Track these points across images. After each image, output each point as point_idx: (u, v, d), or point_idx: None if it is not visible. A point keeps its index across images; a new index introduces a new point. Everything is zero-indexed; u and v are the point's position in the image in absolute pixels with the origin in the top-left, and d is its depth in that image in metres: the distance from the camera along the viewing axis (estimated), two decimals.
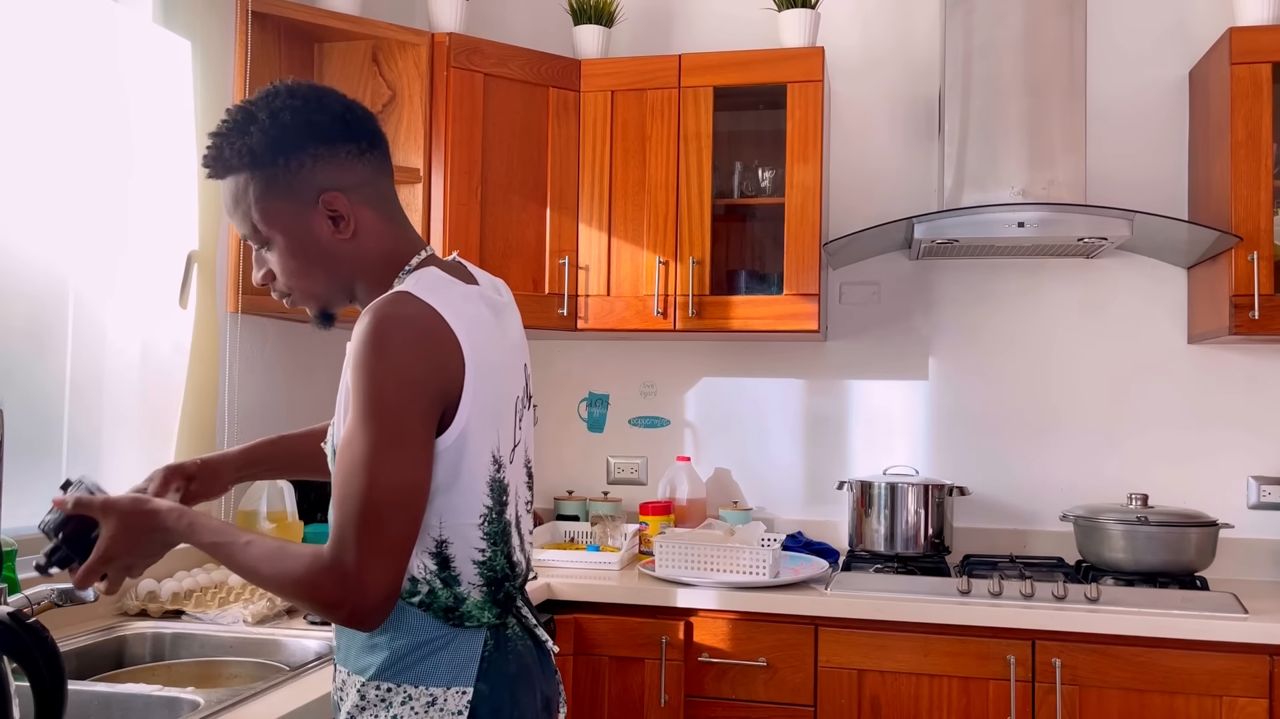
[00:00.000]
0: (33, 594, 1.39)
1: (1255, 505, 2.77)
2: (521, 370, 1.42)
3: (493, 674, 1.30)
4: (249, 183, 1.30)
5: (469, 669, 1.28)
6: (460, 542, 1.29)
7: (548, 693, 1.40)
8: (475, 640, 1.30)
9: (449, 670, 1.28)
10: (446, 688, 1.28)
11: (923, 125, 3.02)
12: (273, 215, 1.31)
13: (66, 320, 2.03)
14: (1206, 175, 2.69)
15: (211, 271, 2.35)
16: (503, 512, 1.33)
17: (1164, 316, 2.86)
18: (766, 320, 2.73)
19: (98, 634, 1.89)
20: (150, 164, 2.23)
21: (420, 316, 1.23)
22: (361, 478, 1.19)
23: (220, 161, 1.31)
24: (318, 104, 1.31)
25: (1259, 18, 2.57)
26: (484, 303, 1.35)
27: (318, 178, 1.30)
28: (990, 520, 2.92)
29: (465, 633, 1.30)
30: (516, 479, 1.38)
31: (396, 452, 1.19)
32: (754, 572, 2.46)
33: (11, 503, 1.84)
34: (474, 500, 1.30)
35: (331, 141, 1.31)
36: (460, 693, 1.28)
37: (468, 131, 2.70)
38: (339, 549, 1.19)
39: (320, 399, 2.82)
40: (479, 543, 1.31)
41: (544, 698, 1.38)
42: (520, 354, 1.43)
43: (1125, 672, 2.23)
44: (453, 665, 1.28)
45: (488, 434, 1.30)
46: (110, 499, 1.31)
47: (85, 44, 2.06)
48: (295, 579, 1.20)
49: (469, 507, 1.30)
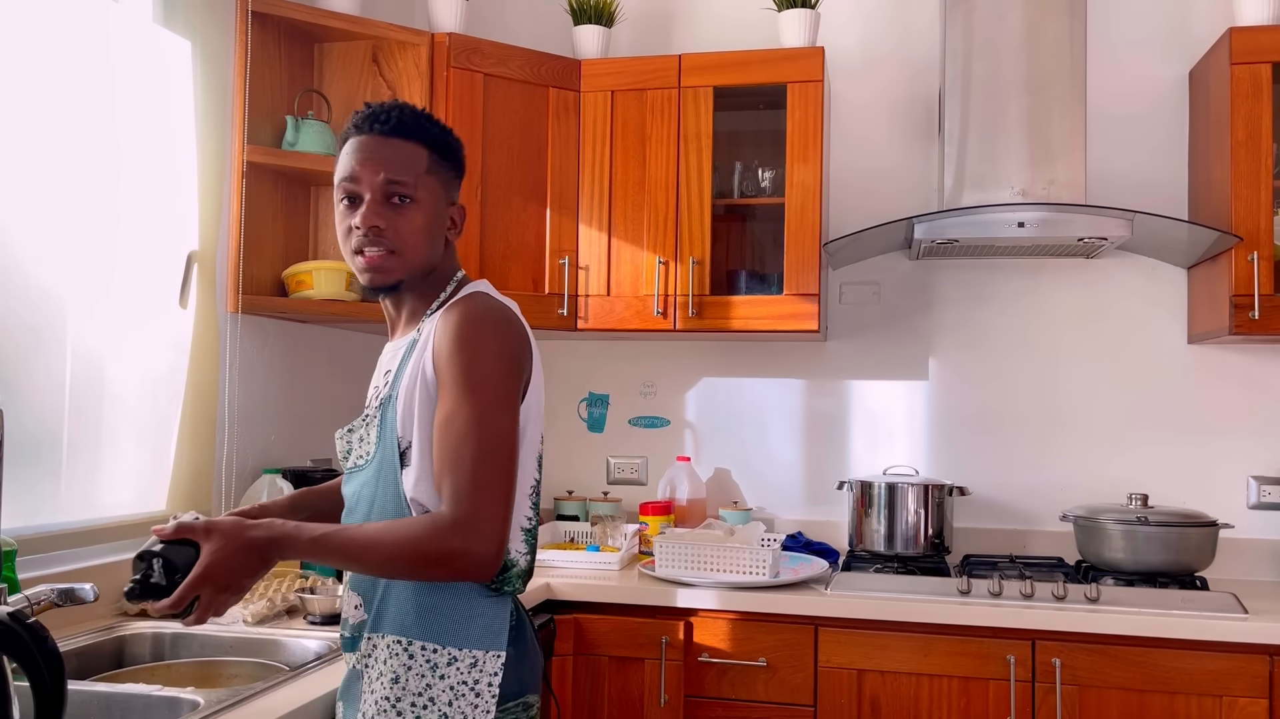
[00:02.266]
0: (33, 594, 1.39)
1: (1255, 505, 2.77)
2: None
3: (518, 640, 1.46)
4: (427, 155, 1.50)
5: (502, 635, 1.43)
6: (515, 509, 1.44)
7: (541, 663, 1.54)
8: (505, 609, 1.45)
9: (488, 635, 1.43)
10: (486, 651, 1.42)
11: (923, 125, 3.02)
12: (431, 189, 1.51)
13: (66, 320, 2.03)
14: (1206, 175, 2.69)
15: (211, 271, 2.35)
16: (540, 487, 1.52)
17: (1164, 316, 2.86)
18: (766, 320, 2.73)
19: (98, 634, 1.89)
20: (150, 164, 2.23)
21: (505, 309, 1.47)
22: (475, 439, 1.35)
23: (404, 125, 1.50)
24: (457, 140, 1.58)
25: (1259, 18, 2.57)
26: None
27: (456, 191, 1.58)
28: (990, 520, 2.92)
29: (498, 601, 1.45)
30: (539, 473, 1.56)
31: (502, 414, 1.38)
32: (754, 572, 2.46)
33: (11, 503, 1.85)
34: (528, 471, 1.48)
35: (460, 173, 1.59)
36: (496, 656, 1.42)
37: (468, 131, 2.70)
38: (456, 505, 1.33)
39: (320, 399, 2.82)
40: (529, 512, 1.50)
41: (541, 666, 1.54)
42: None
43: (1125, 672, 2.23)
44: (490, 631, 1.43)
45: (540, 416, 1.50)
46: (212, 520, 1.37)
47: (84, 44, 2.06)
48: (419, 538, 1.32)
49: (525, 476, 1.47)
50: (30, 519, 1.93)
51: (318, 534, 1.34)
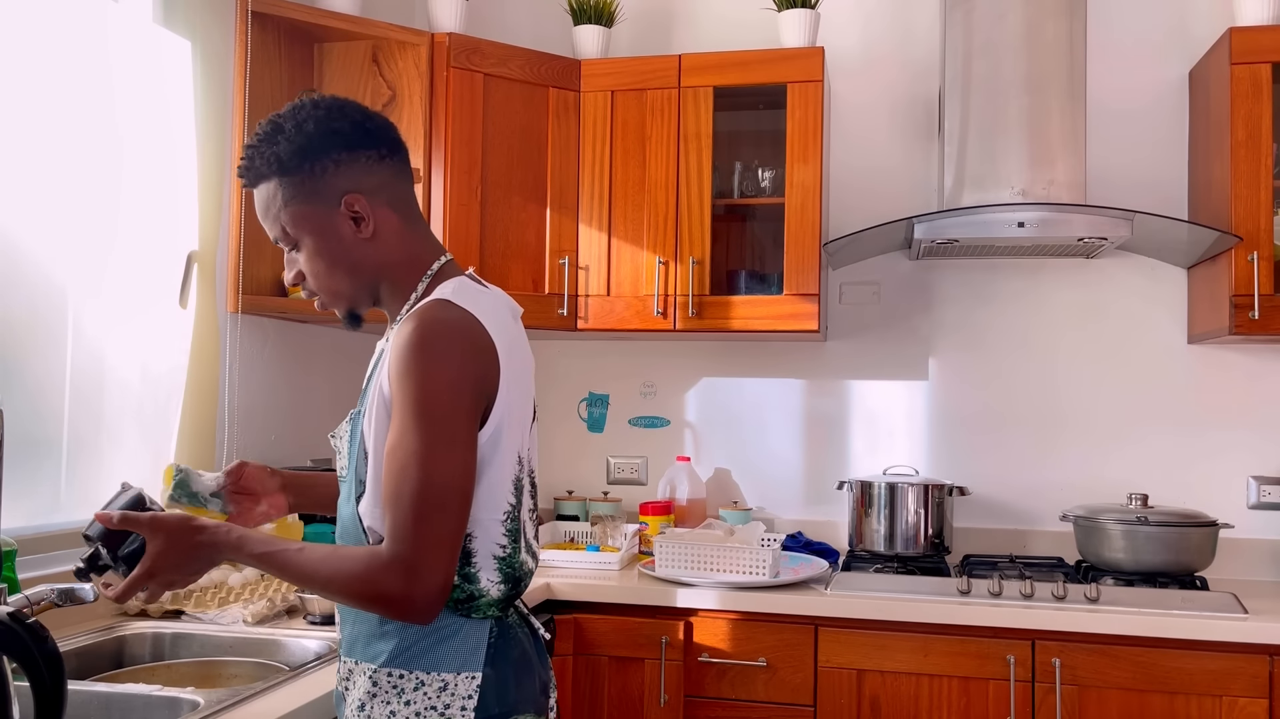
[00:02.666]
0: (33, 594, 1.39)
1: (1255, 505, 2.77)
2: (532, 378, 1.47)
3: (499, 660, 1.36)
4: (278, 189, 1.37)
5: (477, 655, 1.35)
6: (484, 536, 1.35)
7: (544, 679, 1.46)
8: (481, 629, 1.36)
9: (459, 657, 1.34)
10: (457, 673, 1.34)
11: (923, 125, 3.02)
12: (300, 218, 1.37)
13: (66, 320, 2.03)
14: (1206, 175, 2.69)
15: (211, 271, 2.35)
16: (519, 512, 1.39)
17: (1164, 316, 2.86)
18: (766, 320, 2.73)
19: (98, 634, 1.89)
20: (150, 164, 2.23)
21: (462, 322, 1.31)
22: (415, 475, 1.25)
23: (252, 170, 1.39)
24: (339, 113, 1.38)
25: (1259, 18, 2.57)
26: (507, 310, 1.42)
27: (340, 181, 1.37)
28: (990, 520, 2.92)
29: (472, 622, 1.36)
30: (530, 482, 1.45)
31: (448, 450, 1.26)
32: (754, 572, 2.46)
33: (11, 503, 1.84)
34: (500, 497, 1.36)
35: (352, 147, 1.37)
36: (470, 678, 1.34)
37: (468, 131, 2.70)
38: (397, 544, 1.24)
39: (320, 399, 2.83)
40: (501, 539, 1.37)
41: (541, 683, 1.45)
42: (531, 363, 1.47)
43: (1125, 672, 2.23)
44: (462, 652, 1.35)
45: (515, 435, 1.37)
46: (157, 517, 1.34)
47: (85, 44, 2.06)
48: (354, 577, 1.25)
49: (494, 503, 1.36)
50: (30, 519, 1.93)
51: (261, 551, 1.31)
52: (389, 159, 1.40)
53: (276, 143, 1.36)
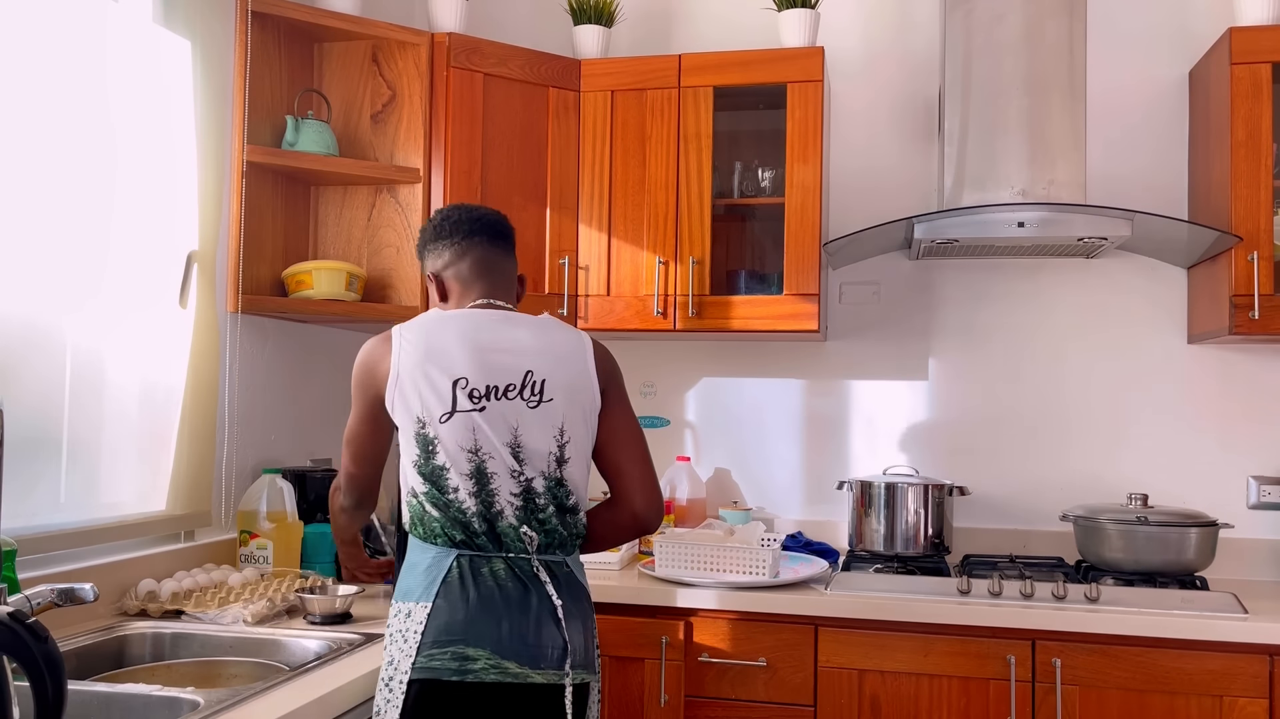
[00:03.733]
0: (33, 594, 1.39)
1: (1255, 505, 2.77)
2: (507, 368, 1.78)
3: (454, 593, 1.65)
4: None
5: (432, 588, 1.65)
6: (404, 481, 1.76)
7: (523, 631, 1.65)
8: (444, 562, 1.67)
9: (419, 587, 1.67)
10: (415, 602, 1.66)
11: (923, 125, 3.02)
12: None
13: (66, 320, 2.03)
14: (1206, 175, 2.69)
15: (211, 271, 2.35)
16: (431, 457, 1.71)
17: (1164, 317, 2.86)
18: (766, 320, 2.73)
19: (98, 634, 1.89)
20: (150, 164, 2.23)
21: (374, 341, 1.82)
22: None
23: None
24: (430, 221, 1.97)
25: (1259, 18, 2.57)
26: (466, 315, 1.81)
27: (426, 266, 1.96)
28: (990, 520, 2.92)
29: (438, 554, 1.69)
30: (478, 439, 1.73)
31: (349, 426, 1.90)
32: (754, 572, 2.46)
33: (11, 503, 1.85)
34: (407, 454, 1.75)
35: (433, 240, 1.94)
36: (422, 607, 1.64)
37: (468, 131, 2.70)
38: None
39: (320, 399, 2.83)
40: (418, 482, 1.73)
41: (517, 633, 1.64)
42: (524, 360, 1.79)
43: (1125, 672, 2.23)
44: (423, 583, 1.67)
45: (407, 411, 1.74)
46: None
47: (84, 44, 2.06)
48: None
49: (406, 455, 1.75)
50: (30, 519, 1.93)
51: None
52: (451, 247, 1.91)
53: (419, 237, 1.98)
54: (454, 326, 1.79)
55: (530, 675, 1.62)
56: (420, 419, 1.73)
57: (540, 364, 1.79)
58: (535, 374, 1.78)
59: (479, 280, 1.90)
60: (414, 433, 1.73)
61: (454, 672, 1.59)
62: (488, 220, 1.93)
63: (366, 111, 2.74)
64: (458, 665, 1.60)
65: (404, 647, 1.62)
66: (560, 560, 1.76)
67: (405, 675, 1.60)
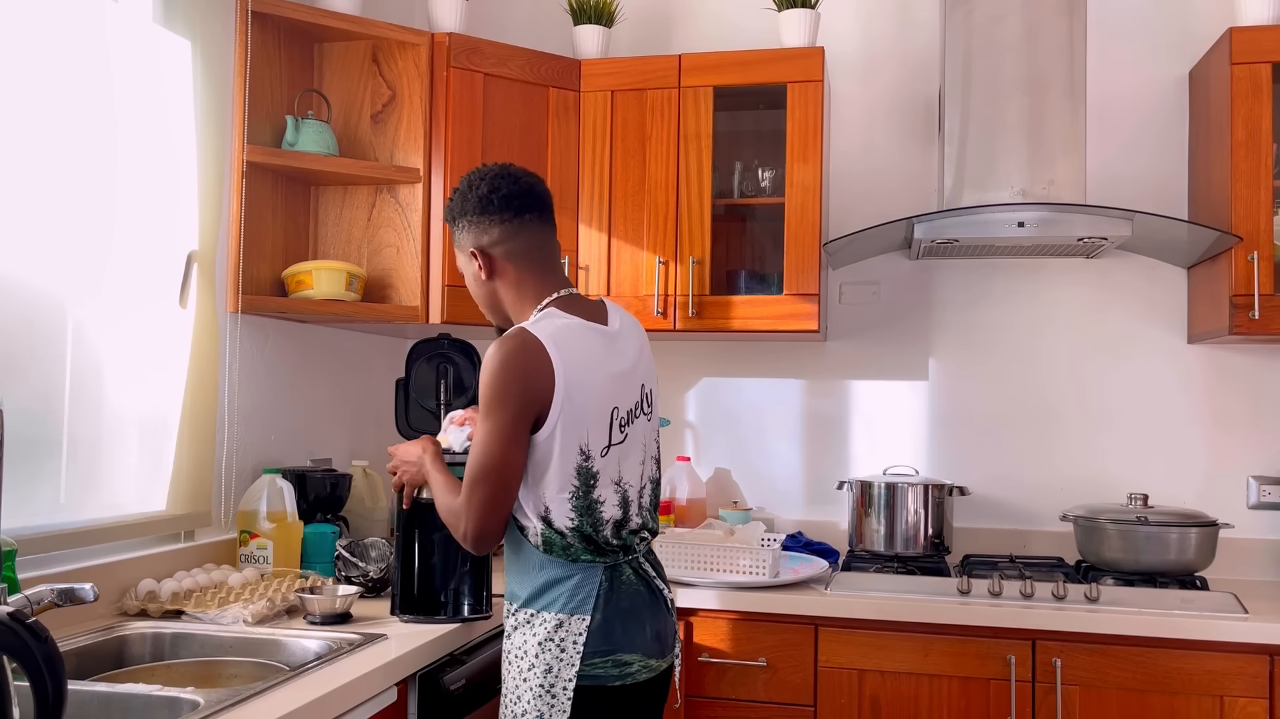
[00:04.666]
0: (33, 594, 1.39)
1: (1255, 505, 2.77)
2: (633, 387, 1.82)
3: (607, 607, 1.73)
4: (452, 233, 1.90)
5: (589, 602, 1.72)
6: (557, 511, 1.73)
7: (658, 628, 1.80)
8: (592, 578, 1.73)
9: (571, 601, 1.72)
10: (569, 614, 1.72)
11: (923, 125, 3.02)
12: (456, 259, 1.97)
13: (66, 320, 2.03)
14: (1206, 175, 2.69)
15: (211, 271, 2.35)
16: (588, 492, 1.74)
17: (1164, 317, 2.86)
18: (766, 320, 2.73)
19: (98, 634, 1.89)
20: (150, 164, 2.23)
21: (521, 346, 1.70)
22: (473, 455, 1.77)
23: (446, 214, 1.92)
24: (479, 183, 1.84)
25: (1259, 18, 2.57)
26: (585, 330, 1.77)
27: (468, 238, 1.86)
28: (990, 520, 2.92)
29: (582, 571, 1.73)
30: (621, 468, 1.79)
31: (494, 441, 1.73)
32: (754, 572, 2.46)
33: (11, 503, 1.84)
34: (565, 480, 1.72)
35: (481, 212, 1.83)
36: (579, 619, 1.72)
37: (468, 131, 2.70)
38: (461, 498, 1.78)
39: (320, 399, 2.82)
40: (570, 513, 1.73)
41: (654, 632, 1.79)
42: (637, 374, 1.84)
43: (1125, 672, 2.23)
44: (575, 598, 1.72)
45: (574, 431, 1.72)
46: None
47: (84, 44, 2.06)
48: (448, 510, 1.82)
49: (563, 483, 1.72)
50: (30, 519, 1.93)
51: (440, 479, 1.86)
52: (511, 221, 1.82)
53: (451, 199, 1.87)
54: (590, 343, 1.76)
55: (662, 665, 1.82)
56: (584, 451, 1.74)
57: (647, 372, 1.89)
58: (647, 385, 1.88)
59: (545, 265, 1.85)
60: (575, 465, 1.73)
61: (616, 677, 1.73)
62: (536, 194, 1.85)
63: (366, 111, 2.73)
64: (618, 671, 1.73)
65: (563, 656, 1.71)
66: (650, 550, 1.91)
67: (570, 683, 1.70)
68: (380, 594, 2.30)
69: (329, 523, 2.54)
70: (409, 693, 1.88)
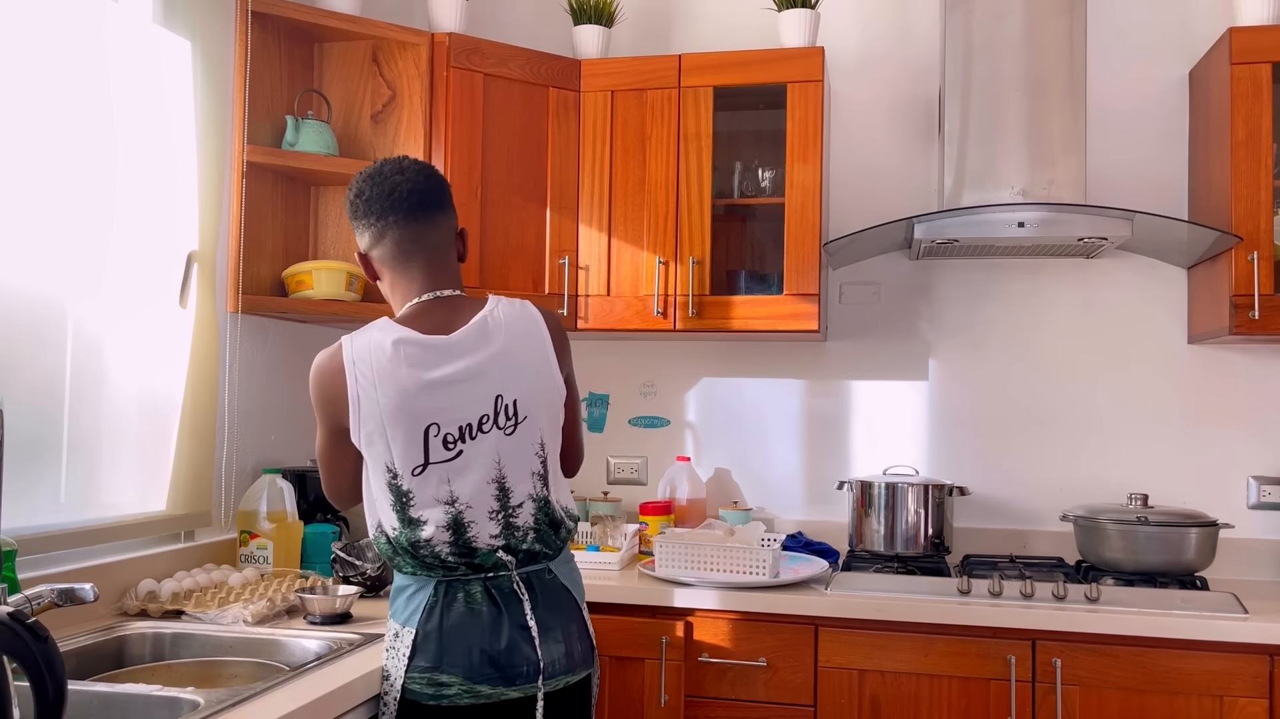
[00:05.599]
0: (33, 594, 1.39)
1: (1255, 505, 2.77)
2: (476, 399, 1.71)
3: (430, 623, 1.68)
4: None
5: (415, 615, 1.70)
6: (383, 519, 1.72)
7: (497, 654, 1.68)
8: (424, 589, 1.71)
9: (404, 611, 1.72)
10: (401, 624, 1.71)
11: (923, 125, 3.02)
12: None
13: (66, 320, 2.03)
14: (1206, 175, 2.69)
15: (211, 271, 2.35)
16: (405, 508, 1.69)
17: (1164, 317, 2.86)
18: (766, 320, 2.73)
19: (98, 634, 1.89)
20: (150, 164, 2.23)
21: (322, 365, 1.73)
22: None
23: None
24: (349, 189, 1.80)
25: (1259, 18, 2.57)
26: (408, 346, 1.69)
27: (358, 240, 1.83)
28: (990, 520, 2.92)
29: (418, 581, 1.72)
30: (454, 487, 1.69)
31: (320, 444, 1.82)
32: (754, 572, 2.46)
33: (11, 503, 1.84)
34: (381, 490, 1.71)
35: (351, 217, 1.81)
36: (408, 630, 1.70)
37: (468, 131, 2.70)
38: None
39: None
40: (394, 521, 1.71)
41: (488, 657, 1.67)
42: (485, 385, 1.72)
43: (1125, 672, 2.23)
44: (406, 609, 1.71)
45: (378, 442, 1.68)
46: None
47: (84, 44, 2.06)
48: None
49: (380, 493, 1.72)
50: (30, 519, 1.93)
51: None
52: (374, 226, 1.76)
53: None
54: (409, 358, 1.67)
55: (505, 693, 1.68)
56: (390, 468, 1.69)
57: (508, 380, 1.72)
58: (505, 396, 1.72)
59: (414, 267, 1.76)
60: (385, 481, 1.70)
61: (430, 696, 1.67)
62: (400, 194, 1.74)
63: (366, 111, 2.74)
64: (433, 691, 1.66)
65: (396, 665, 1.70)
66: (543, 569, 1.77)
67: (397, 694, 1.69)
68: (379, 594, 2.31)
69: (329, 523, 2.54)
70: None
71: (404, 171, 1.75)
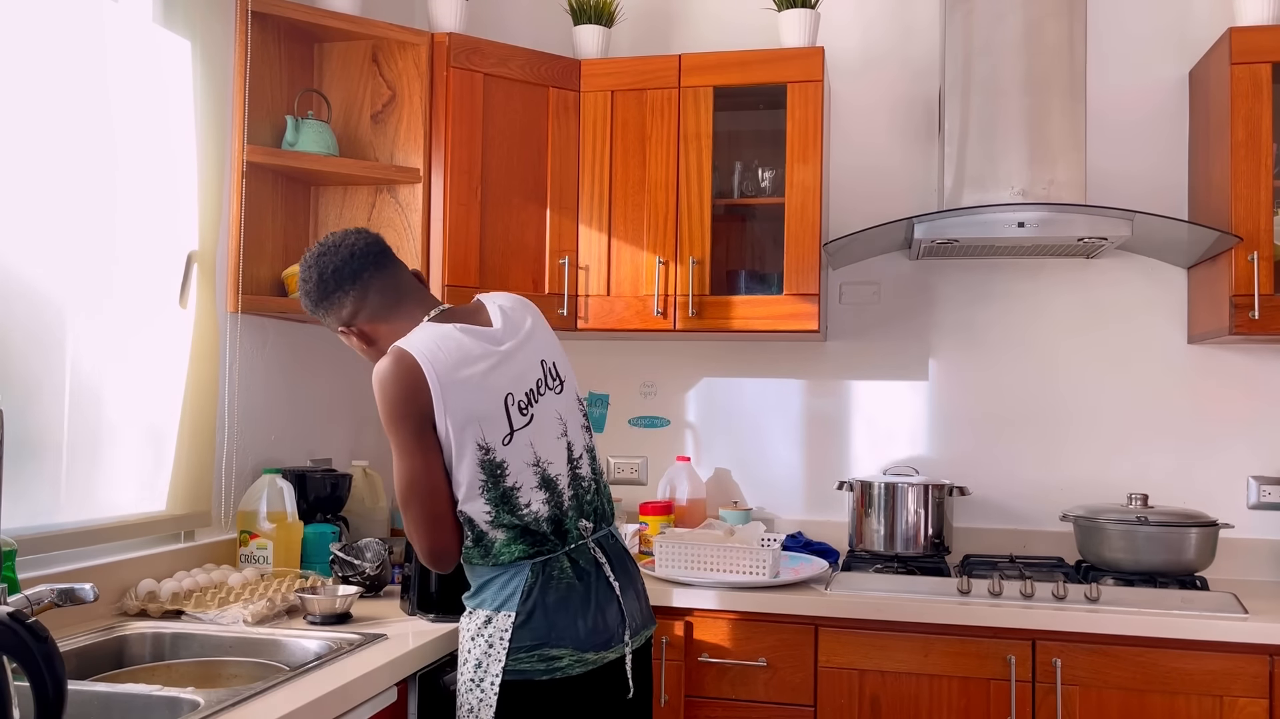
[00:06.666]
0: (33, 594, 1.39)
1: (1255, 505, 2.77)
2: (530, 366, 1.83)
3: (533, 602, 1.74)
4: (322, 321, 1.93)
5: (514, 598, 1.75)
6: (473, 508, 1.75)
7: (597, 620, 1.78)
8: (520, 574, 1.76)
9: (499, 597, 1.76)
10: (497, 610, 1.75)
11: (923, 125, 3.02)
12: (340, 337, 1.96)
13: (66, 320, 2.03)
14: (1206, 175, 2.69)
15: (211, 271, 2.35)
16: (497, 483, 1.75)
17: (1164, 317, 2.86)
18: (766, 320, 2.73)
19: (98, 634, 1.89)
20: (150, 164, 2.23)
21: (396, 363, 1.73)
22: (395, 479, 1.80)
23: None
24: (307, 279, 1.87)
25: (1259, 18, 2.57)
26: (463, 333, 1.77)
27: (334, 321, 1.89)
28: (990, 520, 2.92)
29: (510, 569, 1.76)
30: (537, 449, 1.80)
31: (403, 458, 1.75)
32: (754, 572, 2.46)
33: (11, 503, 1.84)
34: (472, 479, 1.74)
35: (326, 297, 1.86)
36: (506, 615, 1.74)
37: (468, 131, 2.70)
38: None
39: (320, 399, 2.82)
40: (486, 507, 1.75)
41: (591, 624, 1.77)
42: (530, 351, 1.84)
43: (1125, 672, 2.23)
44: (502, 594, 1.76)
45: (470, 428, 1.73)
46: None
47: (83, 44, 2.06)
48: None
49: (471, 484, 1.74)
50: (30, 519, 1.93)
51: None
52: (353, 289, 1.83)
53: (300, 297, 1.89)
54: (462, 342, 1.76)
55: (606, 657, 1.79)
56: (481, 445, 1.75)
57: (543, 349, 1.88)
58: (547, 360, 1.87)
59: (400, 305, 1.85)
60: (477, 461, 1.74)
61: (543, 672, 1.73)
62: (359, 250, 1.84)
63: (366, 111, 2.73)
64: (545, 665, 1.73)
65: (490, 651, 1.74)
66: (607, 534, 1.90)
67: (497, 678, 1.73)
68: (378, 593, 2.31)
69: (329, 523, 2.54)
70: (409, 693, 1.88)
71: (347, 236, 1.87)
